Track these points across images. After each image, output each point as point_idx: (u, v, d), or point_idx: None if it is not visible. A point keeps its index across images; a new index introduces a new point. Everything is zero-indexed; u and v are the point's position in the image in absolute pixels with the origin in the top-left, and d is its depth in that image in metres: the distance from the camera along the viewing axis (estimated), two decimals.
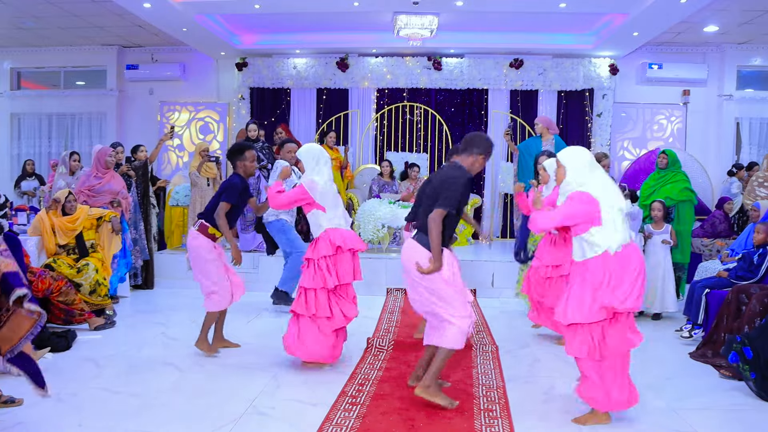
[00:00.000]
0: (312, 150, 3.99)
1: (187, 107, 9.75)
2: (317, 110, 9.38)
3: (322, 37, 8.75)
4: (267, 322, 5.32)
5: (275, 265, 6.75)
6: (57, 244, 5.28)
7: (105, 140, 9.58)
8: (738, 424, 3.23)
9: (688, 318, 4.93)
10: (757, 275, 4.49)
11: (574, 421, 3.15)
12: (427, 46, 8.45)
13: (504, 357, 4.32)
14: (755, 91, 9.28)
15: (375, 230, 6.77)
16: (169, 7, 6.99)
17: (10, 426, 3.00)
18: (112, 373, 3.88)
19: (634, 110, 9.37)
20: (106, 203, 5.80)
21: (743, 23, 7.95)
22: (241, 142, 4.32)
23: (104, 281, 5.26)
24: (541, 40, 8.66)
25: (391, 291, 6.47)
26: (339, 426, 3.07)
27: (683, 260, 5.84)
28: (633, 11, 6.96)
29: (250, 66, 9.31)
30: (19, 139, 10.18)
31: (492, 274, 6.57)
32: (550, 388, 3.70)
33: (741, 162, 8.59)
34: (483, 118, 9.24)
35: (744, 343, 3.58)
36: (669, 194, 5.84)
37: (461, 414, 3.24)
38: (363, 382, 3.75)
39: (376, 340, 4.54)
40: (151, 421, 3.12)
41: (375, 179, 8.18)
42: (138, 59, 9.82)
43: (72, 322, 4.79)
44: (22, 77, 10.36)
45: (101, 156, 5.86)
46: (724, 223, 7.06)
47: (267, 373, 3.89)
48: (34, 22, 8.37)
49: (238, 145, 4.28)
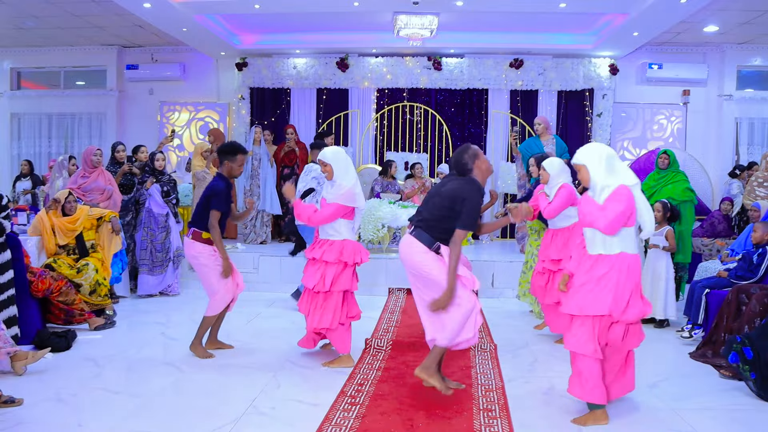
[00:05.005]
0: (339, 154, 3.99)
1: (187, 107, 9.75)
2: (317, 110, 9.38)
3: (322, 37, 8.75)
4: (267, 322, 5.32)
5: (275, 265, 6.77)
6: (57, 244, 5.28)
7: (105, 140, 9.60)
8: (738, 424, 3.23)
9: (688, 318, 4.93)
10: (757, 275, 4.49)
11: (573, 421, 3.15)
12: (427, 46, 8.44)
13: (503, 357, 4.32)
14: (755, 91, 9.27)
15: (375, 230, 6.77)
16: (169, 7, 6.99)
17: (10, 426, 3.00)
18: (112, 373, 3.88)
19: (634, 110, 9.37)
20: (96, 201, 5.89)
21: (743, 23, 7.95)
22: (236, 144, 4.28)
23: (104, 281, 5.27)
24: (541, 40, 8.66)
25: (393, 291, 6.48)
26: (338, 426, 3.07)
27: (684, 260, 5.83)
28: (633, 11, 6.96)
29: (250, 66, 9.31)
30: (19, 139, 10.18)
31: (492, 274, 6.57)
32: (550, 387, 3.70)
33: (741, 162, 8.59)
34: (483, 118, 9.23)
35: (744, 343, 3.58)
36: (671, 194, 5.83)
37: (460, 414, 3.24)
38: (362, 382, 3.75)
39: (374, 341, 4.54)
40: (151, 421, 3.12)
41: (377, 179, 8.17)
42: (138, 59, 9.82)
43: (72, 322, 4.80)
44: (22, 77, 10.37)
45: (87, 156, 6.04)
46: (723, 223, 7.07)
47: (267, 373, 3.89)
48: (34, 22, 8.37)
49: (232, 145, 4.25)
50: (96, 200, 5.92)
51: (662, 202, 5.44)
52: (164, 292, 6.31)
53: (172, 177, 6.56)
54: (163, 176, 6.36)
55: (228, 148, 4.22)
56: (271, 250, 7.15)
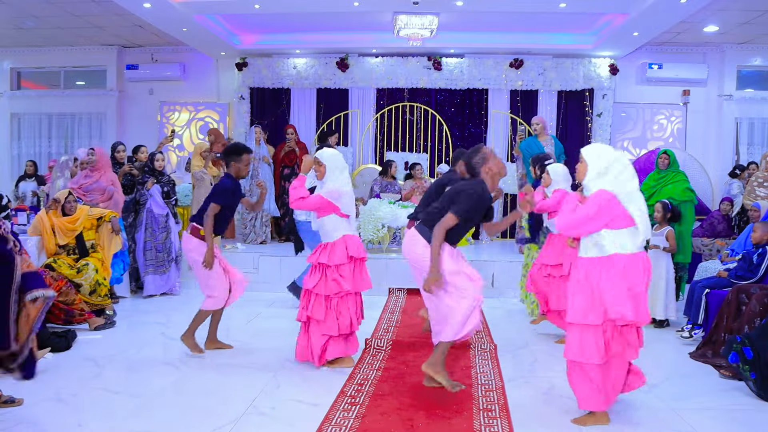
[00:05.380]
0: (336, 157, 4.00)
1: (187, 107, 9.75)
2: (317, 110, 9.38)
3: (322, 37, 8.75)
4: (267, 322, 5.32)
5: (275, 266, 6.77)
6: (57, 244, 5.28)
7: (105, 140, 9.59)
8: (738, 424, 3.23)
9: (688, 318, 4.93)
10: (757, 275, 4.49)
11: (573, 421, 3.15)
12: (427, 46, 8.44)
13: (503, 357, 4.32)
14: (755, 91, 9.27)
15: (375, 230, 6.77)
16: (169, 7, 6.99)
17: (10, 426, 3.00)
18: (112, 373, 3.88)
19: (634, 110, 9.37)
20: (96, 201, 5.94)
21: (743, 23, 7.95)
22: (240, 144, 4.31)
23: (104, 281, 5.27)
24: (541, 40, 8.66)
25: (393, 291, 6.48)
26: (338, 426, 3.07)
27: (684, 260, 5.83)
28: (633, 11, 6.95)
29: (250, 66, 9.31)
30: (19, 139, 10.18)
31: (492, 274, 6.57)
32: (550, 387, 3.70)
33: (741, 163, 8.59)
34: (483, 118, 9.23)
35: (744, 343, 3.58)
36: (671, 194, 5.82)
37: (460, 414, 3.24)
38: (362, 382, 3.75)
39: (374, 341, 4.54)
40: (151, 421, 3.12)
41: (377, 180, 8.17)
42: (138, 59, 9.81)
43: (72, 322, 4.79)
44: (22, 77, 10.36)
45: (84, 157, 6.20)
46: (723, 223, 7.07)
47: (267, 373, 3.89)
48: (34, 22, 8.37)
49: (237, 146, 4.27)
50: (96, 200, 5.94)
51: (662, 202, 5.44)
52: (167, 292, 6.34)
53: (171, 177, 6.57)
54: (163, 177, 6.37)
55: (233, 149, 4.24)
56: (271, 250, 7.15)
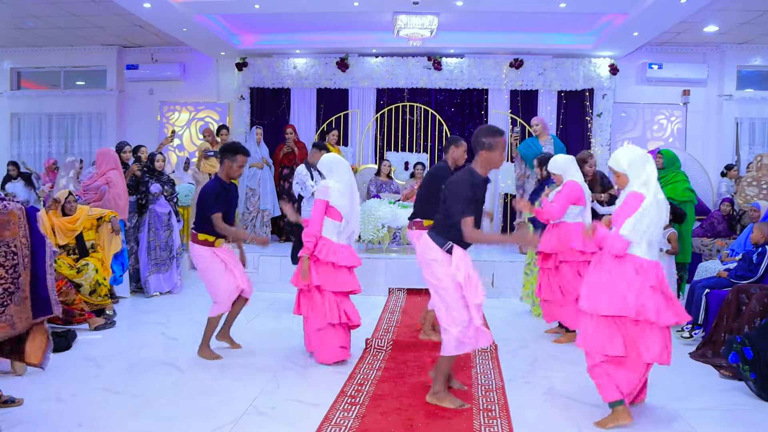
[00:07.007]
0: (326, 159, 4.09)
1: (187, 107, 9.75)
2: (317, 110, 9.38)
3: (322, 37, 8.75)
4: (267, 322, 5.32)
5: (275, 265, 6.77)
6: (57, 244, 5.28)
7: (105, 140, 9.61)
8: (738, 424, 3.23)
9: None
10: (757, 275, 4.49)
11: (596, 424, 3.10)
12: (427, 46, 8.44)
13: (503, 357, 4.32)
14: (755, 91, 9.28)
15: (375, 230, 6.77)
16: (169, 7, 6.99)
17: (10, 426, 3.00)
18: (112, 373, 3.88)
19: (634, 110, 9.38)
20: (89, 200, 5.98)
21: (743, 23, 7.95)
22: (239, 145, 4.28)
23: (104, 281, 5.27)
24: (541, 40, 8.66)
25: (393, 291, 6.47)
26: (338, 426, 3.07)
27: (684, 260, 5.83)
28: (633, 11, 6.96)
29: (250, 66, 9.31)
30: (19, 139, 10.18)
31: (492, 274, 6.57)
32: (550, 387, 3.70)
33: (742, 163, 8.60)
34: (483, 118, 9.22)
35: (744, 343, 3.58)
36: (671, 194, 5.81)
37: (460, 414, 3.24)
38: (362, 382, 3.75)
39: (375, 341, 4.54)
40: (151, 421, 3.12)
41: (372, 179, 8.17)
42: (138, 59, 9.82)
43: (72, 322, 4.79)
44: (22, 77, 10.37)
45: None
46: (723, 223, 7.07)
47: (267, 373, 3.89)
48: (34, 22, 8.37)
49: (234, 145, 4.24)
50: (90, 199, 5.98)
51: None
52: (170, 290, 6.38)
53: (170, 177, 6.58)
54: (163, 177, 6.38)
55: (230, 147, 4.21)
56: (271, 250, 7.13)
